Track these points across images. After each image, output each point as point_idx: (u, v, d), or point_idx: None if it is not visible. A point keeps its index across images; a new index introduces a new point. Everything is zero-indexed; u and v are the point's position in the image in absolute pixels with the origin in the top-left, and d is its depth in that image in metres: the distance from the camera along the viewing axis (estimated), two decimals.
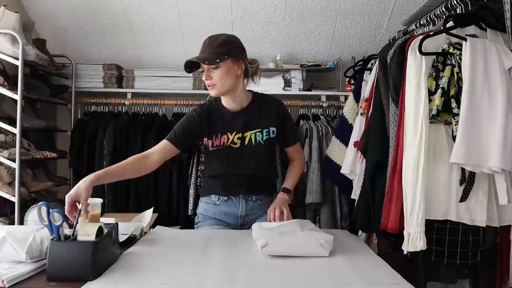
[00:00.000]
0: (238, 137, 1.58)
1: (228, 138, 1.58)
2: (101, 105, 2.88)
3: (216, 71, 1.51)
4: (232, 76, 1.52)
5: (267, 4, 2.64)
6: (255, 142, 1.58)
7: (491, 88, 1.30)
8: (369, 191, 1.67)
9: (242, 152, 1.59)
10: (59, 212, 1.03)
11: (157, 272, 1.06)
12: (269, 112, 1.61)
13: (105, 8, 2.67)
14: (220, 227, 1.65)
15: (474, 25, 1.50)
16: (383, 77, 1.60)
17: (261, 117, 1.60)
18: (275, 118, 1.61)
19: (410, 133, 1.39)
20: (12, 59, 2.12)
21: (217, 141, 1.59)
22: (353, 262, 1.16)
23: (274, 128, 1.61)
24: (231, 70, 1.52)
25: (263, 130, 1.59)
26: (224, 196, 1.64)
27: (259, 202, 1.67)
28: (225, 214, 1.66)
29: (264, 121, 1.60)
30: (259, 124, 1.59)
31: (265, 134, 1.59)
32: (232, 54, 1.51)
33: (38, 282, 0.99)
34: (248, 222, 1.67)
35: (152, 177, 2.64)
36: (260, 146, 1.59)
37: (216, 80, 1.51)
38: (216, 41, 1.53)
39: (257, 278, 1.04)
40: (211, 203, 1.67)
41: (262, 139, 1.59)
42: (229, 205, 1.65)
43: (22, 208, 2.02)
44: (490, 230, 1.49)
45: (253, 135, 1.58)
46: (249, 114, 1.60)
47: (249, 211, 1.66)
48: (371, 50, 2.89)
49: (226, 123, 1.60)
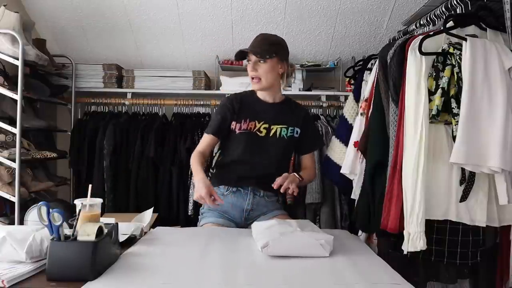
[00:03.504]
0: (264, 127, 1.69)
1: (255, 125, 1.69)
2: (101, 105, 2.88)
3: (262, 65, 1.64)
4: (274, 74, 1.67)
5: (267, 4, 2.64)
6: (279, 136, 1.69)
7: (491, 88, 1.30)
8: (369, 191, 1.67)
9: (265, 141, 1.68)
10: (59, 212, 1.02)
11: (157, 272, 1.06)
12: (297, 114, 1.75)
13: (105, 8, 2.67)
14: (224, 220, 1.68)
15: (474, 25, 1.50)
16: (383, 77, 1.60)
17: (289, 116, 1.73)
18: (301, 121, 1.74)
19: (410, 133, 1.39)
20: (12, 59, 2.12)
21: (244, 125, 1.68)
22: (353, 262, 1.16)
23: (298, 129, 1.72)
24: (275, 68, 1.66)
25: (289, 127, 1.71)
26: (233, 186, 1.69)
27: (266, 198, 1.72)
28: (232, 206, 1.70)
29: (291, 120, 1.72)
30: (286, 121, 1.71)
31: (289, 131, 1.70)
32: (280, 54, 1.67)
33: (38, 282, 0.99)
34: (252, 217, 1.71)
35: (152, 177, 2.64)
36: (282, 141, 1.69)
37: (261, 73, 1.64)
38: (268, 39, 1.69)
39: (257, 278, 1.04)
40: (219, 194, 1.65)
41: (286, 134, 1.70)
42: (237, 196, 1.70)
43: (22, 208, 2.02)
44: (490, 230, 1.49)
45: (279, 129, 1.69)
46: (279, 110, 1.72)
47: (255, 206, 1.71)
48: (371, 50, 2.89)
49: (257, 112, 1.71)
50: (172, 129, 2.73)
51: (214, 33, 2.81)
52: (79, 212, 1.11)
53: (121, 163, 2.65)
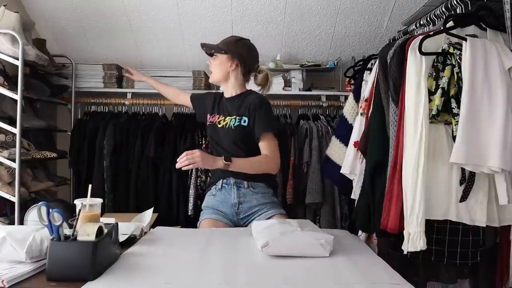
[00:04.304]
0: (220, 120, 1.84)
1: (217, 118, 1.86)
2: (101, 105, 2.88)
3: (213, 61, 1.85)
4: (223, 69, 1.82)
5: (267, 4, 2.64)
6: (228, 127, 1.80)
7: (491, 88, 1.30)
8: (369, 191, 1.67)
9: (221, 131, 1.82)
10: (59, 212, 1.02)
11: (157, 272, 1.06)
12: (246, 103, 1.81)
13: (105, 8, 2.67)
14: (218, 216, 1.78)
15: (474, 25, 1.50)
16: (383, 77, 1.60)
17: (239, 107, 1.82)
18: (248, 109, 1.79)
19: (410, 133, 1.39)
20: (12, 59, 2.12)
21: (210, 118, 1.89)
22: (353, 262, 1.16)
23: (246, 118, 1.79)
24: (224, 64, 1.82)
25: (237, 117, 1.80)
26: (218, 184, 1.81)
27: (252, 189, 1.78)
28: (221, 203, 1.80)
29: (240, 110, 1.81)
30: (236, 112, 1.81)
31: (237, 121, 1.79)
32: (232, 52, 1.80)
33: (38, 282, 0.99)
34: (242, 211, 1.78)
35: (152, 177, 2.64)
36: (230, 131, 1.79)
37: (212, 67, 1.86)
38: (226, 39, 1.85)
39: (257, 278, 1.04)
40: (210, 195, 1.85)
41: (234, 124, 1.79)
42: (224, 193, 1.80)
43: (22, 208, 2.02)
44: (490, 230, 1.49)
45: (228, 120, 1.81)
46: (233, 103, 1.85)
47: (242, 199, 1.78)
48: (371, 50, 2.89)
49: (219, 106, 1.90)
50: (172, 129, 2.73)
51: (214, 33, 2.80)
52: (79, 212, 1.11)
53: (121, 163, 2.65)
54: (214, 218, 1.77)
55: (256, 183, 1.79)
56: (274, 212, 1.76)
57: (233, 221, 1.79)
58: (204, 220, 1.79)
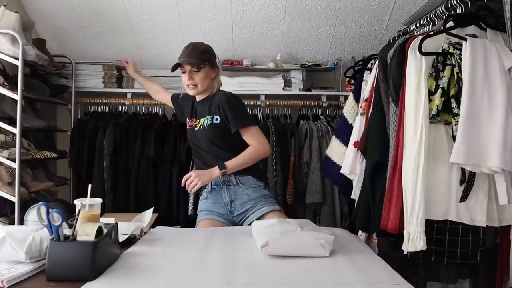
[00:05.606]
0: (198, 122, 1.87)
1: (194, 122, 1.89)
2: (101, 105, 2.88)
3: (197, 74, 1.80)
4: (209, 79, 1.84)
5: (267, 4, 2.64)
6: (202, 127, 1.83)
7: (491, 88, 1.30)
8: (369, 191, 1.67)
9: (198, 134, 1.85)
10: (59, 212, 1.02)
11: (157, 272, 1.06)
12: (216, 101, 1.84)
13: (105, 8, 2.67)
14: (213, 216, 1.80)
15: (474, 25, 1.51)
16: (383, 77, 1.60)
17: (210, 106, 1.85)
18: (218, 107, 1.81)
19: (410, 133, 1.39)
20: (12, 59, 2.12)
21: (189, 122, 1.92)
22: (353, 262, 1.16)
23: (218, 116, 1.81)
24: (209, 74, 1.83)
25: (209, 116, 1.83)
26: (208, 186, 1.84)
27: (241, 185, 1.79)
28: (214, 204, 1.82)
29: (211, 110, 1.84)
30: (208, 112, 1.84)
31: (209, 120, 1.83)
32: (210, 61, 1.83)
33: (37, 282, 0.99)
34: (236, 208, 1.79)
35: (152, 177, 2.64)
36: (204, 131, 1.82)
37: (197, 81, 1.81)
38: (198, 49, 1.82)
39: (257, 278, 1.03)
40: (203, 199, 1.89)
41: (207, 124, 1.82)
42: (214, 195, 1.84)
43: (22, 208, 2.02)
44: (490, 230, 1.49)
45: (202, 121, 1.85)
46: (204, 104, 1.88)
47: (234, 196, 1.80)
48: (371, 50, 2.89)
49: (195, 110, 1.93)
50: (172, 129, 2.72)
51: (214, 33, 2.81)
52: (79, 212, 1.11)
53: (121, 163, 2.65)
54: (210, 218, 1.79)
55: (244, 177, 1.79)
56: (268, 209, 1.75)
57: (229, 220, 1.80)
58: (201, 221, 1.80)
